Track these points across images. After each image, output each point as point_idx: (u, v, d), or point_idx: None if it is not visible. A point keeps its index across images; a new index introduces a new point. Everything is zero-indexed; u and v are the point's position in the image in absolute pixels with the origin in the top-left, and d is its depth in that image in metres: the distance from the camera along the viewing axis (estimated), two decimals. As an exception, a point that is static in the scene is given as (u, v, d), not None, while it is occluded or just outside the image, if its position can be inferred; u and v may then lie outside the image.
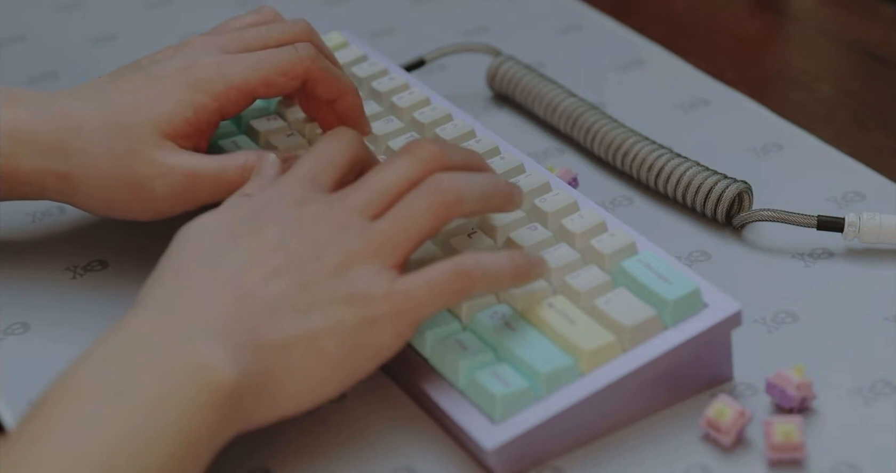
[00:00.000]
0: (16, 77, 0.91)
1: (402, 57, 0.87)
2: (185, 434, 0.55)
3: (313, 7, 0.97)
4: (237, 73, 0.69)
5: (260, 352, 0.57)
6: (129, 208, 0.69)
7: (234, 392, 0.56)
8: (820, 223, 0.71)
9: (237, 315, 0.58)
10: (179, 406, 0.55)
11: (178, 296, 0.59)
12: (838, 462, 0.60)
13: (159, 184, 0.67)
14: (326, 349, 0.58)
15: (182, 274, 0.59)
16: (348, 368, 0.59)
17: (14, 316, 0.70)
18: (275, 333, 0.58)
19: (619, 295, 0.63)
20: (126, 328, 0.57)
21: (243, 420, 0.57)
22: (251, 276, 0.59)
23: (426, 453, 0.62)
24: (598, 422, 0.62)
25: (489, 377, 0.61)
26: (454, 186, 0.61)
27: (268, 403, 0.58)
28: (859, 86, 0.87)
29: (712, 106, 0.84)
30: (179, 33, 0.94)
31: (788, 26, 0.96)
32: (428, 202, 0.61)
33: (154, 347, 0.56)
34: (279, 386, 0.58)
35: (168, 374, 0.55)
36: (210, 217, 0.62)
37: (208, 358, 0.56)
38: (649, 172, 0.76)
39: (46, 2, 0.99)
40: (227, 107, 0.69)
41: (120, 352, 0.56)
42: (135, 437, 0.53)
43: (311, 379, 0.58)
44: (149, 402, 0.54)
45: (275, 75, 0.69)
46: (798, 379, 0.62)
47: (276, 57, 0.69)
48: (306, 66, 0.69)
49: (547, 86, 0.82)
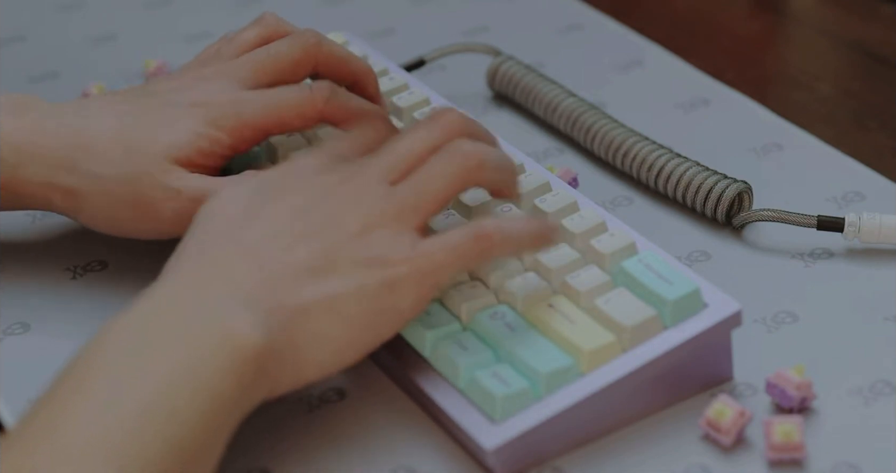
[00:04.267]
0: (16, 77, 0.91)
1: (402, 57, 0.87)
2: (214, 400, 0.55)
3: (313, 7, 0.97)
4: (253, 112, 0.69)
5: (284, 317, 0.58)
6: (134, 228, 0.69)
7: (261, 356, 0.57)
8: (820, 223, 0.71)
9: (261, 281, 0.59)
10: (207, 372, 0.55)
11: (202, 266, 0.59)
12: (838, 462, 0.60)
13: (167, 208, 0.67)
14: (348, 312, 0.59)
15: (206, 246, 0.60)
16: (370, 332, 0.60)
17: (14, 316, 0.71)
18: (298, 298, 0.58)
19: (619, 295, 0.63)
20: (152, 297, 0.58)
21: (269, 386, 0.58)
22: (274, 244, 0.60)
23: (426, 453, 0.62)
24: (598, 422, 0.62)
25: (489, 377, 0.61)
26: (476, 151, 0.62)
27: (292, 368, 0.58)
28: (859, 86, 0.87)
29: (712, 106, 0.84)
30: (179, 33, 0.94)
31: (788, 26, 0.96)
32: (450, 165, 0.61)
33: (180, 314, 0.57)
34: (303, 350, 0.58)
35: (195, 341, 0.56)
36: (231, 190, 0.62)
37: (235, 324, 0.57)
38: (649, 172, 0.76)
39: (46, 2, 0.99)
40: (241, 144, 0.69)
41: (146, 321, 0.57)
42: (163, 404, 0.54)
43: (333, 343, 0.59)
44: (177, 369, 0.55)
45: (289, 117, 0.69)
46: (798, 379, 0.62)
47: (291, 98, 0.69)
48: (319, 109, 0.69)
49: (547, 86, 0.82)
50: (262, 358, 0.57)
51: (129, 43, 0.94)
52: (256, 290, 0.58)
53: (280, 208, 0.61)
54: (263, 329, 0.57)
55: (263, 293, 0.58)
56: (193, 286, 0.59)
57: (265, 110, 0.69)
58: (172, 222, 0.67)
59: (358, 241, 0.60)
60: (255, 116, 0.69)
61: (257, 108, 0.69)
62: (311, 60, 0.71)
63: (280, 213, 0.61)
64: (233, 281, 0.58)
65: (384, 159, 0.62)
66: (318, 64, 0.72)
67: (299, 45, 0.71)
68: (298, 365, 0.58)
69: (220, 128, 0.68)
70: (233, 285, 0.58)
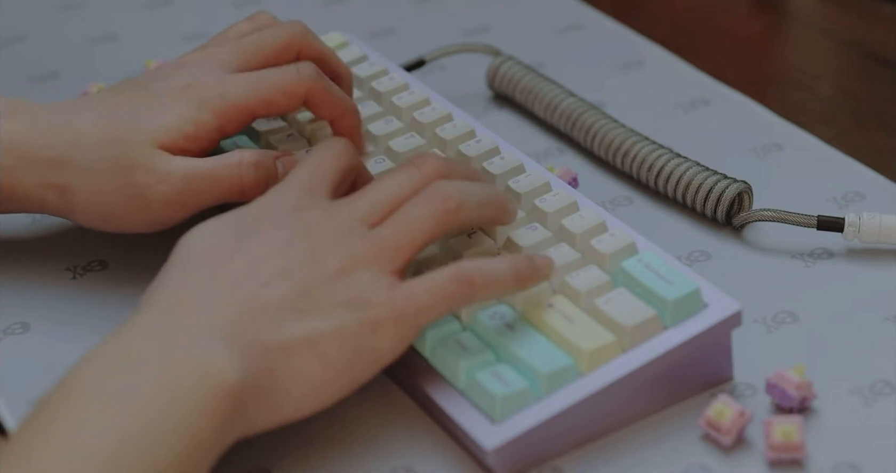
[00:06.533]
0: (16, 77, 0.91)
1: (402, 57, 0.87)
2: (190, 437, 0.54)
3: (313, 7, 0.97)
4: (238, 92, 0.69)
5: (262, 355, 0.57)
6: (128, 220, 0.69)
7: (237, 394, 0.56)
8: (820, 223, 0.71)
9: (240, 317, 0.58)
10: (184, 409, 0.55)
11: (180, 300, 0.59)
12: (838, 462, 0.60)
13: (157, 192, 0.67)
14: (328, 352, 0.58)
15: (185, 280, 0.60)
16: (350, 373, 0.59)
17: (14, 316, 0.70)
18: (277, 336, 0.58)
19: (619, 295, 0.63)
20: (129, 330, 0.57)
21: (246, 424, 0.57)
22: (253, 280, 0.59)
23: (426, 453, 0.62)
24: (598, 422, 0.62)
25: (489, 377, 0.61)
26: (455, 193, 0.62)
27: (270, 407, 0.58)
28: (859, 86, 0.87)
29: (712, 106, 0.84)
30: (179, 33, 0.94)
31: (788, 26, 0.96)
32: (429, 208, 0.61)
33: (157, 350, 0.56)
34: (281, 389, 0.58)
35: (172, 377, 0.55)
36: (210, 224, 0.62)
37: (212, 360, 0.56)
38: (649, 172, 0.76)
39: (46, 2, 0.99)
40: (227, 126, 0.69)
41: (123, 354, 0.56)
42: (139, 439, 0.53)
43: (312, 382, 0.58)
44: (152, 405, 0.54)
45: (275, 95, 0.69)
46: (798, 379, 0.62)
47: (276, 77, 0.69)
48: (307, 87, 0.69)
49: (547, 86, 0.82)
50: (240, 396, 0.56)
51: (129, 43, 0.94)
52: (234, 325, 0.58)
53: (259, 244, 0.60)
54: (241, 365, 0.56)
55: (241, 328, 0.58)
56: (171, 320, 0.58)
57: (250, 91, 0.69)
58: (162, 208, 0.67)
59: (338, 281, 0.59)
60: (240, 97, 0.68)
61: (242, 89, 0.69)
62: (294, 49, 0.72)
63: (259, 249, 0.60)
64: (211, 316, 0.58)
65: (364, 201, 0.62)
66: (300, 54, 0.72)
67: (285, 34, 0.72)
68: (277, 404, 0.58)
69: (206, 110, 0.68)
70: (211, 320, 0.58)
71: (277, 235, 0.61)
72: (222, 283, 0.59)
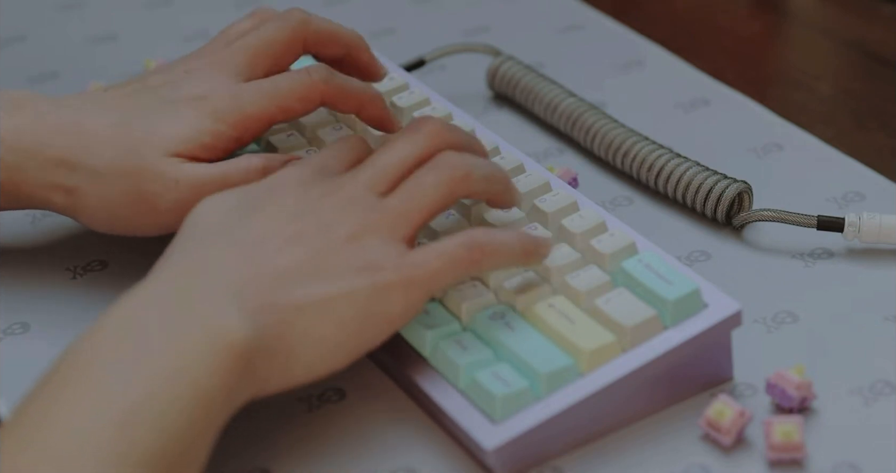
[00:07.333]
0: (16, 77, 0.91)
1: (402, 57, 0.87)
2: (202, 399, 0.55)
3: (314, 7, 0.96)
4: (255, 104, 0.69)
5: (275, 316, 0.58)
6: (133, 224, 0.68)
7: (249, 353, 0.56)
8: (820, 223, 0.71)
9: (253, 280, 0.59)
10: (195, 370, 0.55)
11: (193, 263, 0.59)
12: (838, 462, 0.60)
13: (166, 199, 0.67)
14: (341, 315, 0.59)
15: (196, 245, 0.60)
16: (360, 336, 0.60)
17: (14, 316, 0.70)
18: (290, 297, 0.59)
19: (619, 295, 0.63)
20: (141, 293, 0.58)
21: (257, 385, 0.58)
22: (265, 246, 0.60)
23: (426, 453, 0.62)
24: (598, 422, 0.62)
25: (489, 377, 0.61)
26: (463, 163, 0.63)
27: (281, 368, 0.58)
28: (859, 86, 0.87)
29: (712, 106, 0.84)
30: (179, 33, 0.94)
31: (788, 26, 0.96)
32: (438, 177, 0.62)
33: (168, 312, 0.57)
34: (292, 350, 0.58)
35: (182, 338, 0.56)
36: (221, 195, 0.63)
37: (223, 321, 0.56)
38: (649, 172, 0.76)
39: (46, 2, 0.99)
40: (245, 136, 0.69)
41: (135, 316, 0.57)
42: (150, 402, 0.54)
43: (323, 344, 0.59)
44: (164, 367, 0.55)
45: (291, 102, 0.69)
46: (798, 379, 0.62)
47: (291, 84, 0.69)
48: (322, 90, 0.69)
49: (547, 86, 0.82)
50: (250, 356, 0.57)
51: (129, 43, 0.94)
52: (246, 287, 0.58)
53: (271, 211, 0.61)
54: (252, 325, 0.57)
55: (254, 290, 0.58)
56: (182, 281, 0.58)
57: (267, 101, 0.69)
58: (172, 214, 0.67)
59: (349, 247, 0.60)
60: (258, 108, 0.69)
61: (258, 100, 0.69)
62: (300, 40, 0.72)
63: (272, 216, 0.61)
64: (222, 277, 0.58)
65: (371, 171, 0.63)
66: (308, 42, 0.72)
67: (288, 26, 0.71)
68: (287, 365, 0.58)
69: (224, 122, 0.68)
70: (222, 280, 0.58)
71: (289, 204, 0.62)
72: (235, 248, 0.60)
